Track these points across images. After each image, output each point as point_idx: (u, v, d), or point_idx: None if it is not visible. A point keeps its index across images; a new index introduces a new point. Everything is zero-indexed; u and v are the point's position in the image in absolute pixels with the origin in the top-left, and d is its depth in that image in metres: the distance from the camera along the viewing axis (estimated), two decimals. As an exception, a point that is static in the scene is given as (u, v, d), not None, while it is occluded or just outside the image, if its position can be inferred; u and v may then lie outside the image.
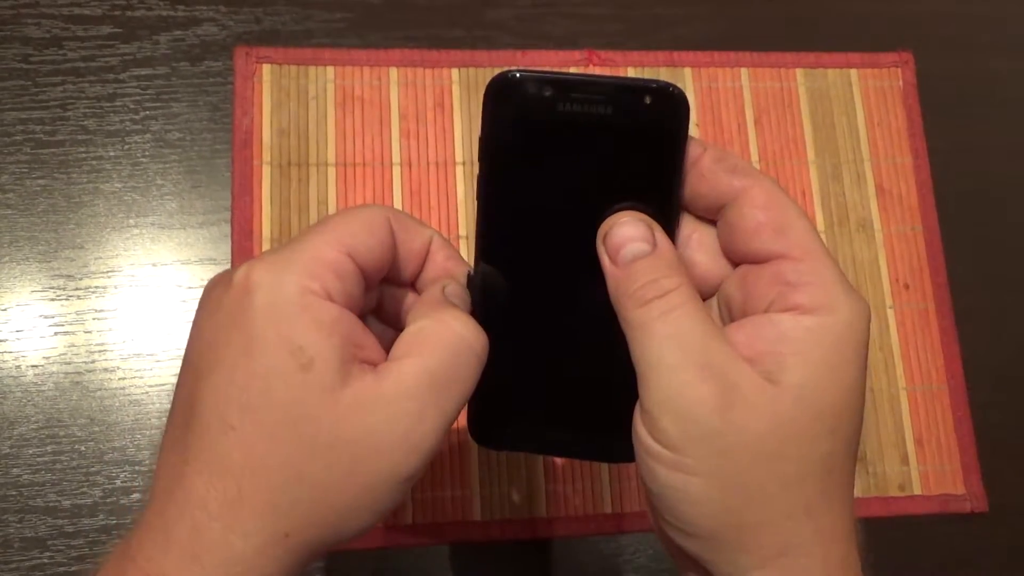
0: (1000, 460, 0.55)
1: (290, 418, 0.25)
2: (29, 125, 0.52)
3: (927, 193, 0.59)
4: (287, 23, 0.56)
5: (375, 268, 0.28)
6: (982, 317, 0.57)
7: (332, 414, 0.25)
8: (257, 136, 0.53)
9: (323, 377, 0.25)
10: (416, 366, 0.26)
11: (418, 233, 0.30)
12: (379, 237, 0.28)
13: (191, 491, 0.25)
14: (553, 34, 0.58)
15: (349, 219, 0.28)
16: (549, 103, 0.29)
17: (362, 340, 0.27)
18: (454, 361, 0.27)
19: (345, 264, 0.27)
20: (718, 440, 0.25)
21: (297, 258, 0.26)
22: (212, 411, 0.25)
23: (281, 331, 0.25)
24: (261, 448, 0.25)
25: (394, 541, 0.48)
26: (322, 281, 0.26)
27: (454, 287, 0.30)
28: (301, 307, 0.25)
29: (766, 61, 0.59)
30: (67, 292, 0.50)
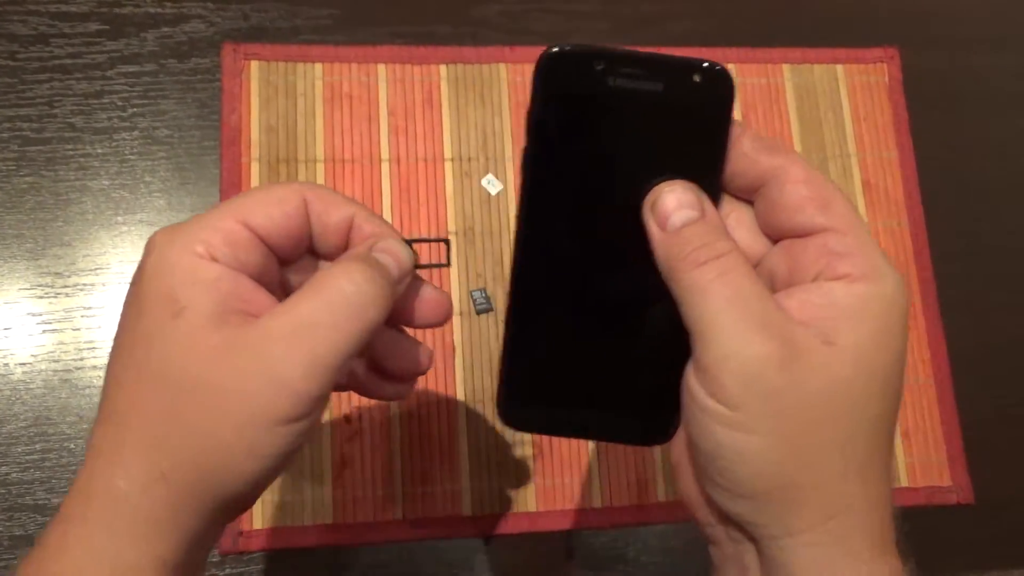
0: (986, 452, 0.55)
1: (164, 364, 0.27)
2: (16, 122, 0.52)
3: (913, 188, 0.59)
4: (275, 20, 0.56)
5: (280, 237, 0.30)
6: (967, 311, 0.58)
7: (203, 357, 0.27)
8: (245, 133, 0.53)
9: (194, 324, 0.27)
10: (286, 312, 0.27)
11: (338, 207, 0.31)
12: (284, 209, 0.30)
13: (91, 443, 0.28)
14: (540, 30, 0.59)
15: (255, 193, 0.30)
16: (599, 77, 0.28)
17: (251, 296, 0.28)
18: (326, 308, 0.27)
19: (238, 232, 0.29)
20: (778, 398, 0.26)
21: (192, 226, 0.28)
22: (110, 369, 0.28)
23: (162, 287, 0.27)
24: (140, 394, 0.27)
25: (383, 536, 0.48)
26: (208, 246, 0.28)
27: (387, 243, 0.31)
28: (181, 266, 0.27)
29: (753, 57, 0.60)
30: (55, 290, 0.50)
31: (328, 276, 0.28)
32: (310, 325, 0.27)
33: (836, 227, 0.28)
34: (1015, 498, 0.55)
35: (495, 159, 0.55)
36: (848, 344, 0.26)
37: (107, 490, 0.27)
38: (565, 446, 0.51)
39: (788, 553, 0.27)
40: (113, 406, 0.28)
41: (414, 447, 0.50)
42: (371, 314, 0.28)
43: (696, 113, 0.29)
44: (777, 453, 0.26)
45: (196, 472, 0.27)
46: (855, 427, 0.27)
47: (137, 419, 0.27)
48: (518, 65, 0.57)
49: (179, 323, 0.27)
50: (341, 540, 0.48)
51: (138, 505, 0.27)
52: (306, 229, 0.31)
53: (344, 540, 0.48)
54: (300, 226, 0.30)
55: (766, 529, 0.27)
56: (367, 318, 0.28)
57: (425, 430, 0.51)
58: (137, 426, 0.27)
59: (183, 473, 0.27)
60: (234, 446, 0.27)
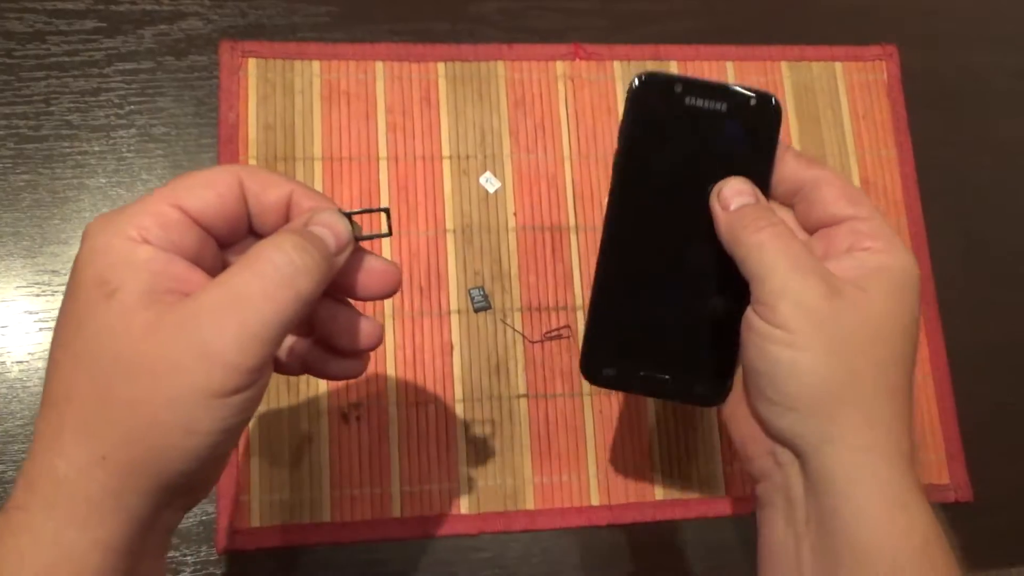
0: (984, 450, 0.55)
1: (96, 344, 0.27)
2: (12, 120, 0.52)
3: (911, 185, 0.59)
4: (272, 17, 0.56)
5: (214, 218, 0.30)
6: (966, 309, 0.58)
7: (134, 334, 0.27)
8: (243, 130, 0.53)
9: (125, 304, 0.27)
10: (216, 286, 0.28)
11: (275, 186, 0.31)
12: (217, 191, 0.30)
13: (35, 429, 0.28)
14: (538, 28, 0.59)
15: (189, 177, 0.30)
16: (679, 98, 0.37)
17: (184, 276, 0.29)
18: (256, 280, 0.28)
19: (171, 215, 0.29)
20: (824, 322, 0.32)
21: (125, 211, 0.29)
22: (50, 356, 0.29)
23: (95, 270, 0.28)
24: (75, 376, 0.27)
25: (381, 534, 0.48)
26: (140, 229, 0.28)
27: (323, 216, 0.31)
28: (112, 249, 0.28)
29: (751, 55, 0.60)
30: (52, 288, 0.50)
31: (259, 248, 0.29)
32: (240, 297, 0.27)
33: (862, 216, 0.35)
34: (1013, 496, 0.55)
35: (493, 157, 0.55)
36: (878, 292, 0.33)
37: (48, 474, 0.27)
38: (564, 446, 0.51)
39: (831, 459, 0.32)
40: (52, 391, 0.28)
41: (411, 445, 0.50)
42: (302, 284, 0.28)
43: (750, 129, 0.37)
44: (824, 368, 0.32)
45: (134, 451, 0.27)
46: (887, 356, 0.32)
47: (74, 402, 0.27)
48: (516, 63, 0.57)
49: (111, 304, 0.27)
50: (339, 538, 0.48)
51: (78, 488, 0.27)
52: (242, 210, 0.31)
53: (342, 538, 0.48)
54: (235, 207, 0.31)
55: (812, 438, 0.32)
56: (298, 288, 0.28)
57: (423, 428, 0.50)
58: (74, 409, 0.27)
59: (122, 453, 0.27)
60: (169, 422, 0.27)
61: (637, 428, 0.52)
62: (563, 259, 0.54)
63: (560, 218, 0.55)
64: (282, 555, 0.48)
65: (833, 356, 0.32)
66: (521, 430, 0.51)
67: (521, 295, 0.53)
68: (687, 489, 0.52)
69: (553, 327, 0.53)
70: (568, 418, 0.52)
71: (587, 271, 0.54)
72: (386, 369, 0.51)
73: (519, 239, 0.54)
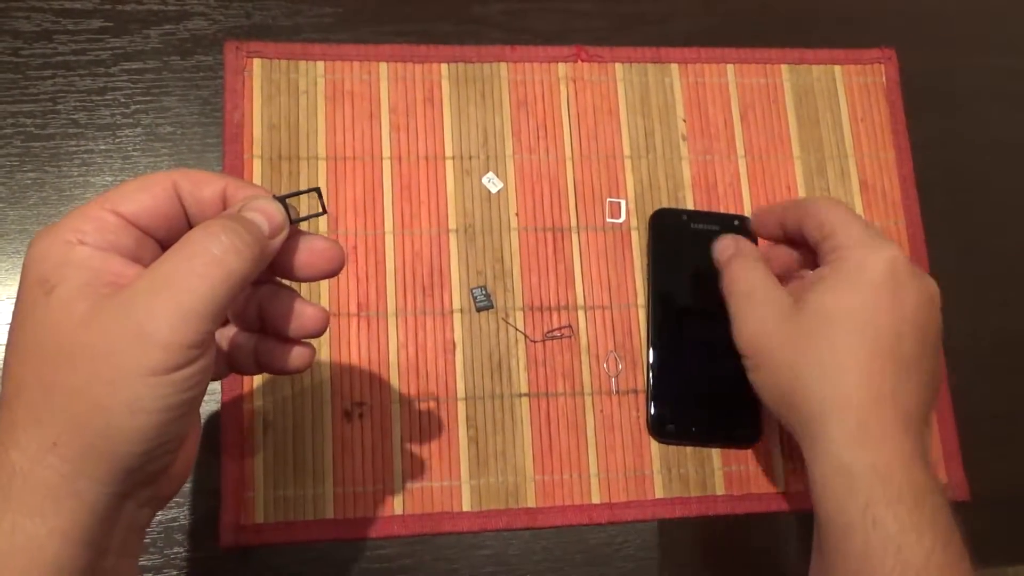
0: (982, 449, 0.55)
1: (38, 338, 0.29)
2: (19, 118, 0.52)
3: (910, 188, 0.59)
4: (277, 18, 0.57)
5: (149, 219, 0.31)
6: (963, 310, 0.58)
7: (72, 325, 0.28)
8: (247, 130, 0.53)
9: (63, 298, 0.28)
10: (148, 271, 0.29)
11: (208, 183, 0.33)
12: (151, 193, 0.31)
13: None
14: (541, 29, 0.59)
15: (125, 184, 0.32)
16: (686, 223, 0.56)
17: (120, 271, 0.30)
18: (186, 262, 0.29)
19: (107, 218, 0.30)
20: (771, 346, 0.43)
21: (64, 219, 0.30)
22: (4, 358, 0.30)
23: (36, 272, 0.29)
24: (22, 371, 0.29)
25: (384, 531, 0.49)
26: (78, 232, 0.30)
27: (255, 202, 0.32)
28: (51, 252, 0.29)
29: (752, 57, 0.60)
30: (58, 285, 0.50)
31: (189, 234, 0.30)
32: (170, 278, 0.29)
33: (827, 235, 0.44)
34: (1011, 495, 0.56)
35: (495, 157, 0.56)
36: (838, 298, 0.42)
37: (2, 466, 0.28)
38: (565, 444, 0.52)
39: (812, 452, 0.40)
40: (5, 390, 0.29)
41: (414, 443, 0.50)
42: (232, 263, 0.29)
43: None
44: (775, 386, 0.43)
45: (83, 436, 0.28)
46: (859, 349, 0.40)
47: (23, 395, 0.28)
48: (519, 64, 0.57)
49: (50, 299, 0.28)
50: (342, 535, 0.48)
51: (32, 476, 0.27)
52: (178, 209, 0.32)
53: (345, 535, 0.48)
54: (169, 207, 0.32)
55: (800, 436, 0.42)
56: (228, 266, 0.29)
57: (425, 426, 0.51)
58: (23, 401, 0.28)
59: (71, 438, 0.28)
60: (112, 404, 0.28)
61: (637, 427, 0.52)
62: (565, 259, 0.55)
63: (562, 218, 0.55)
64: (285, 551, 0.48)
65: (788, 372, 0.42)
66: (522, 428, 0.52)
67: (523, 295, 0.53)
68: (687, 488, 0.52)
69: (555, 327, 0.53)
70: (569, 417, 0.52)
71: (588, 271, 0.54)
72: (389, 367, 0.51)
73: (521, 239, 0.54)
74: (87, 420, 0.28)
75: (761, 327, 0.43)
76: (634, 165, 0.57)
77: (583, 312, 0.54)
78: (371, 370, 0.51)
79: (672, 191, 0.57)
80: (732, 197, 0.57)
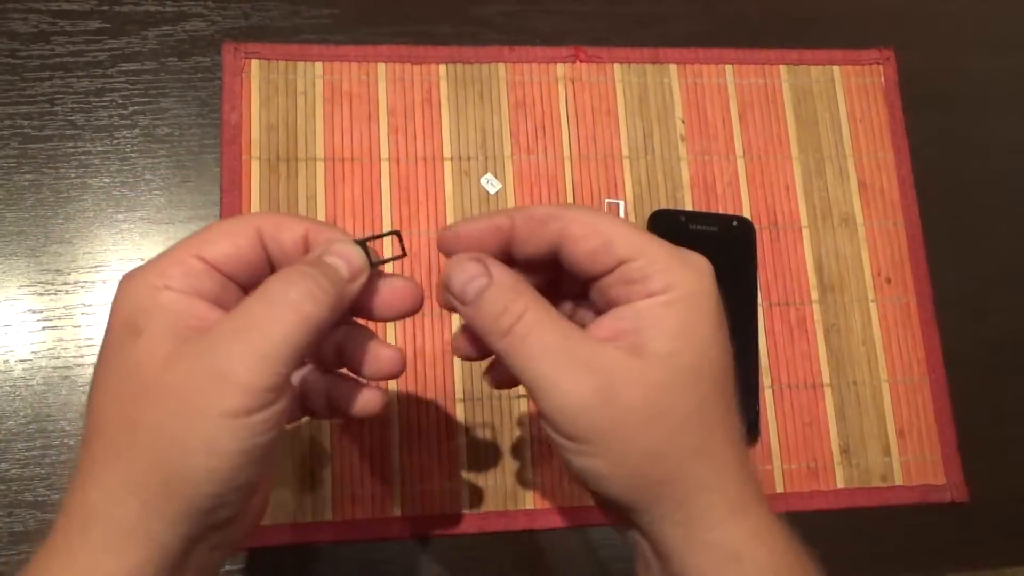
0: (980, 451, 0.55)
1: (123, 378, 0.29)
2: (17, 120, 0.52)
3: (908, 188, 0.59)
4: (275, 18, 0.56)
5: (233, 265, 0.32)
6: (962, 310, 0.58)
7: (157, 366, 0.29)
8: (245, 131, 0.53)
9: (150, 340, 0.29)
10: (230, 316, 0.30)
11: (290, 228, 0.33)
12: (235, 240, 0.32)
13: (78, 459, 0.30)
14: (539, 30, 0.59)
15: (209, 229, 0.32)
16: (684, 224, 0.56)
17: (204, 315, 0.30)
18: (266, 308, 0.29)
19: (193, 263, 0.31)
20: (607, 425, 0.30)
21: (151, 263, 0.31)
22: (88, 400, 0.30)
23: (124, 316, 0.30)
24: (106, 410, 0.29)
25: (383, 533, 0.49)
26: (164, 277, 0.30)
27: (336, 246, 0.32)
28: (140, 296, 0.30)
29: (750, 58, 0.60)
30: (55, 287, 0.50)
31: (268, 281, 0.30)
32: (250, 322, 0.29)
33: (625, 258, 0.31)
34: (1009, 496, 0.56)
35: (494, 158, 0.56)
36: (655, 351, 0.30)
37: (82, 504, 0.29)
38: (563, 444, 0.52)
39: (659, 535, 0.31)
40: (88, 430, 0.30)
41: (412, 445, 0.50)
42: (309, 308, 0.30)
43: (735, 241, 0.56)
44: (623, 466, 0.30)
45: (161, 474, 0.28)
46: (680, 419, 0.30)
47: (105, 434, 0.29)
48: (517, 65, 0.57)
49: (137, 342, 0.29)
50: (340, 537, 0.48)
51: (110, 515, 0.28)
52: (260, 254, 0.33)
53: (343, 537, 0.48)
54: (252, 253, 0.33)
55: (644, 523, 0.31)
56: (305, 312, 0.30)
57: (423, 428, 0.51)
58: (105, 440, 0.29)
59: (150, 477, 0.28)
60: (190, 443, 0.28)
61: (636, 428, 0.52)
62: (563, 260, 0.54)
63: (560, 219, 0.55)
64: (284, 553, 0.48)
65: (627, 452, 0.30)
66: (521, 430, 0.52)
67: (521, 296, 0.53)
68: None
69: (553, 327, 0.53)
70: (568, 418, 0.52)
71: (587, 272, 0.54)
72: (387, 369, 0.51)
73: (520, 240, 0.54)
74: (165, 458, 0.28)
75: (603, 401, 0.30)
76: (632, 166, 0.57)
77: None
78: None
79: (670, 192, 0.57)
80: (731, 198, 0.57)
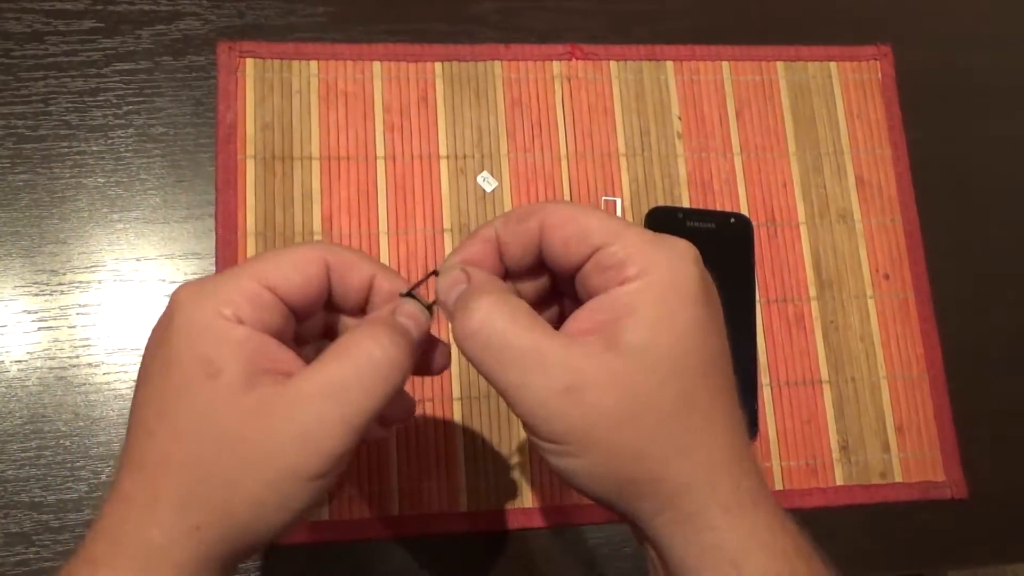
0: (979, 447, 0.55)
1: (199, 421, 0.28)
2: (11, 120, 0.52)
3: (906, 184, 0.59)
4: (270, 17, 0.56)
5: (300, 299, 0.31)
6: (961, 306, 0.58)
7: (237, 416, 0.28)
8: (241, 130, 0.53)
9: (230, 384, 0.28)
10: (317, 373, 0.29)
11: (358, 268, 0.33)
12: (305, 274, 0.31)
13: (120, 489, 0.29)
14: (535, 28, 0.59)
15: (278, 256, 0.31)
16: (682, 221, 0.56)
17: (276, 355, 0.30)
18: (356, 372, 0.29)
19: (262, 295, 0.30)
20: (580, 425, 0.29)
21: (219, 287, 0.30)
22: (138, 419, 0.29)
23: (194, 348, 0.29)
24: (173, 449, 0.28)
25: (380, 532, 0.49)
26: (235, 308, 0.29)
27: (408, 307, 0.32)
28: (212, 329, 0.29)
29: (747, 55, 0.60)
30: (51, 287, 0.50)
31: (357, 340, 0.30)
32: (341, 388, 0.29)
33: (600, 244, 0.30)
34: (1009, 493, 0.55)
35: (490, 156, 0.55)
36: (630, 342, 0.29)
37: (140, 540, 0.28)
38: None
39: (652, 533, 0.30)
40: (144, 456, 0.29)
41: (410, 443, 0.50)
42: (396, 377, 0.30)
43: (732, 238, 0.56)
44: (604, 466, 0.29)
45: (227, 525, 0.28)
46: (659, 416, 0.29)
47: (172, 472, 0.28)
48: (513, 63, 0.57)
49: (215, 384, 0.28)
50: (338, 536, 0.48)
51: (169, 556, 0.28)
52: (325, 290, 0.33)
53: (341, 536, 0.48)
54: (320, 289, 0.32)
55: (633, 518, 0.31)
56: (393, 381, 0.30)
57: (421, 426, 0.51)
58: (172, 479, 0.28)
59: (216, 526, 0.28)
60: (267, 500, 0.28)
61: (634, 426, 0.52)
62: (560, 258, 0.54)
63: (557, 217, 0.55)
64: (281, 552, 0.48)
65: (606, 451, 0.29)
66: (519, 428, 0.51)
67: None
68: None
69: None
70: (566, 416, 0.52)
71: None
72: (384, 368, 0.51)
73: (516, 238, 0.54)
74: (236, 511, 0.28)
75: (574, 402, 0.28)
76: (629, 163, 0.57)
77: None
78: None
79: (668, 189, 0.57)
80: (728, 194, 0.57)
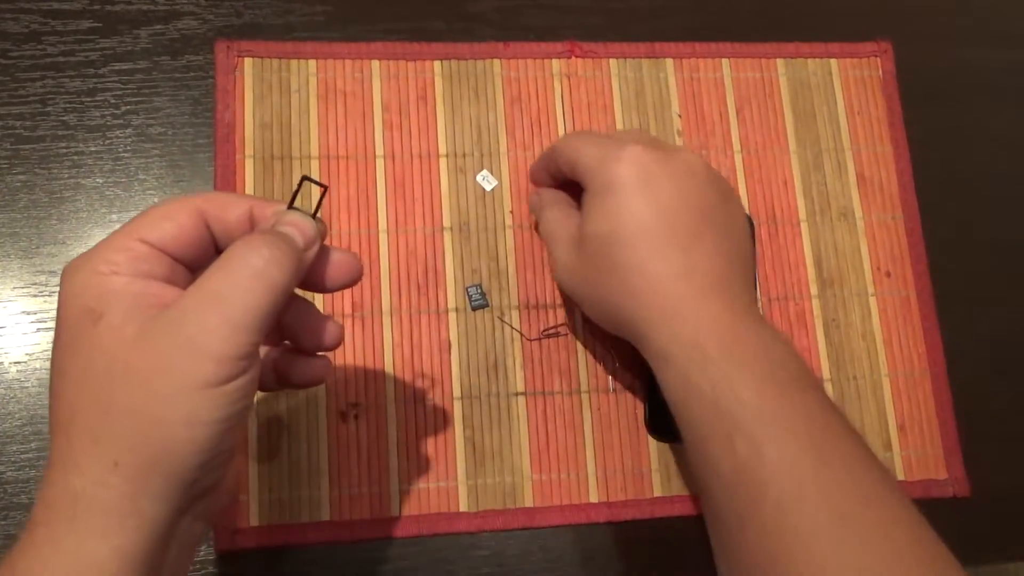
0: (982, 445, 0.55)
1: (90, 363, 0.29)
2: (9, 121, 0.52)
3: (907, 181, 0.59)
4: (267, 16, 0.56)
5: (179, 246, 0.32)
6: (962, 303, 0.58)
7: (124, 347, 0.29)
8: (239, 130, 0.53)
9: (111, 323, 0.29)
10: (195, 288, 0.30)
11: (233, 205, 0.33)
12: (177, 222, 0.32)
13: (48, 457, 0.30)
14: (534, 26, 0.59)
15: (150, 211, 0.32)
16: None
17: (160, 292, 0.31)
18: (231, 278, 0.30)
19: (136, 247, 0.31)
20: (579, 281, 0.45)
21: (94, 252, 0.31)
22: (51, 385, 0.31)
23: (78, 305, 0.30)
24: (76, 397, 0.29)
25: (380, 533, 0.48)
26: (110, 264, 0.30)
27: (289, 216, 0.33)
28: (91, 284, 0.30)
29: (747, 52, 0.60)
30: (49, 288, 0.50)
31: (231, 250, 0.31)
32: (218, 293, 0.29)
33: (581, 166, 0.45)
34: (1011, 491, 0.55)
35: (490, 155, 0.55)
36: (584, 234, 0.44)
37: (64, 491, 0.28)
38: (562, 443, 0.51)
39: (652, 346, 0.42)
40: (57, 418, 0.30)
41: (410, 443, 0.50)
42: (275, 275, 0.30)
43: None
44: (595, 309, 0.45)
45: (144, 453, 0.28)
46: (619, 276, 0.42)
47: (79, 420, 0.29)
48: (512, 61, 0.57)
49: (99, 326, 0.29)
50: (338, 537, 0.48)
51: (95, 498, 0.28)
52: (205, 235, 0.33)
53: (340, 537, 0.48)
54: (196, 234, 0.33)
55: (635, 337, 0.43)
56: (271, 279, 0.30)
57: (421, 426, 0.50)
58: (80, 426, 0.29)
59: (133, 456, 0.28)
60: (171, 418, 0.28)
61: (635, 425, 0.52)
62: (560, 257, 0.54)
63: (557, 216, 0.55)
64: (281, 554, 0.48)
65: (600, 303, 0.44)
66: (519, 427, 0.51)
67: (518, 293, 0.53)
68: (685, 486, 0.52)
69: (551, 324, 0.53)
70: (566, 415, 0.52)
71: (584, 268, 0.54)
72: (384, 368, 0.51)
73: (516, 237, 0.54)
74: (147, 437, 0.28)
75: (564, 268, 0.46)
76: (629, 161, 0.56)
77: (579, 310, 0.53)
78: (366, 370, 0.51)
79: (668, 187, 0.56)
80: (728, 193, 0.57)
